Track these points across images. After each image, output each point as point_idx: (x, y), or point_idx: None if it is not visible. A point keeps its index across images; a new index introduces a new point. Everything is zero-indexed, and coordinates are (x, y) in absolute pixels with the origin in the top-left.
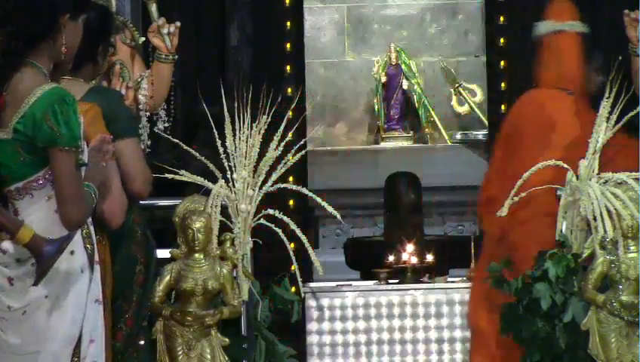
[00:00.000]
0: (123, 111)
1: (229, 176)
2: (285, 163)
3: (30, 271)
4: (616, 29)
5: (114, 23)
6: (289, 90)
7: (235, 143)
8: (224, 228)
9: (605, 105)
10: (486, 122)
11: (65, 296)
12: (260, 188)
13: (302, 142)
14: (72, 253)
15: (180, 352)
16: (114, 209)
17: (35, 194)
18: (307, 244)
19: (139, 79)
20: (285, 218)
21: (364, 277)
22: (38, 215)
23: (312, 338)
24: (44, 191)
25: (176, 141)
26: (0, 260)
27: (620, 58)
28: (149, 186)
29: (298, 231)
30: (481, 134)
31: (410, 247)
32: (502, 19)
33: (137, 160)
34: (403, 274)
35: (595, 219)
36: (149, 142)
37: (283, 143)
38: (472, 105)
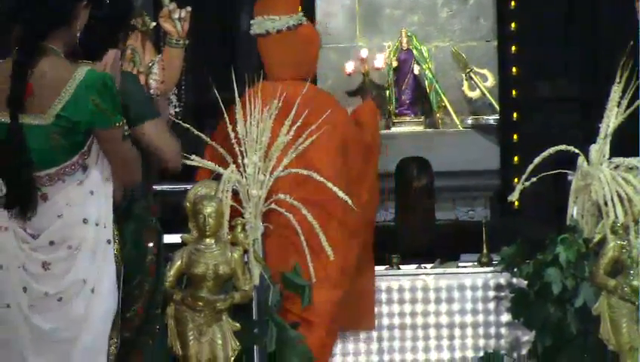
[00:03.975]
0: (140, 95)
1: (240, 161)
2: (296, 148)
3: (66, 256)
4: (619, 17)
5: (133, 7)
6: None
7: (246, 128)
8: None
9: (616, 91)
10: (497, 107)
11: (100, 281)
12: (271, 173)
13: (312, 127)
14: (108, 241)
15: (191, 337)
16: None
17: (67, 180)
18: (318, 229)
19: (150, 64)
20: (296, 203)
21: (375, 262)
22: (70, 196)
23: None
24: (76, 176)
25: (187, 126)
26: (31, 245)
27: (632, 43)
28: (181, 156)
29: (309, 216)
30: (492, 119)
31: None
32: (513, 4)
33: (164, 138)
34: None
35: (606, 203)
36: None
37: (294, 128)
38: (483, 90)
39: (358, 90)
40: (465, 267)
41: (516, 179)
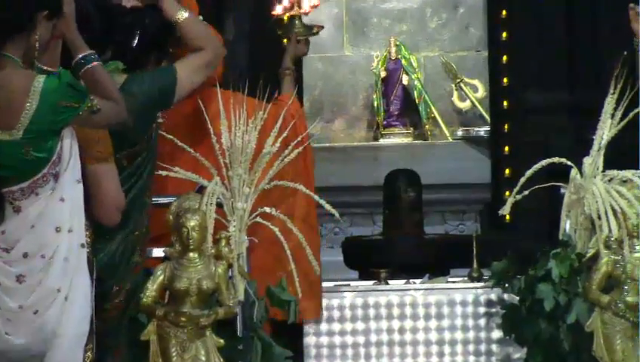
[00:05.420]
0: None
1: (224, 173)
2: (282, 160)
3: (41, 267)
4: (616, 25)
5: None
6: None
7: (230, 139)
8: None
9: (610, 102)
10: (488, 118)
11: (75, 288)
12: (256, 185)
13: (299, 139)
14: (82, 245)
15: (174, 354)
16: (108, 210)
17: (40, 191)
18: (304, 243)
19: None
20: (282, 216)
21: (362, 277)
22: (42, 206)
23: (310, 340)
24: (49, 186)
25: (170, 137)
26: (4, 259)
27: (626, 53)
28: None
29: (295, 230)
30: (482, 130)
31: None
32: (504, 12)
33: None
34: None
35: (599, 217)
36: None
37: (280, 140)
38: (474, 100)
39: (286, 32)
40: (455, 282)
41: (507, 193)
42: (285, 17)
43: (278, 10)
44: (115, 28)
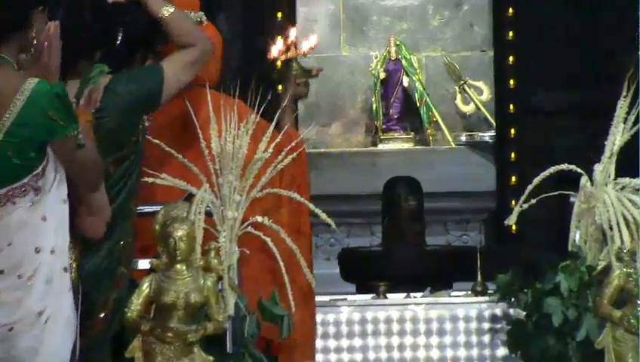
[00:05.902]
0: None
1: (214, 179)
2: (275, 166)
3: (17, 286)
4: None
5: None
6: (280, 87)
7: (220, 145)
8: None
9: (622, 106)
10: (493, 122)
11: (56, 313)
12: (248, 193)
13: (293, 144)
14: (65, 269)
15: None
16: (95, 222)
17: (18, 201)
18: (298, 254)
19: None
20: (275, 226)
21: (360, 291)
22: (21, 220)
23: None
24: (28, 197)
25: (157, 142)
26: None
27: None
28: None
29: (289, 241)
30: (487, 135)
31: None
32: (510, 11)
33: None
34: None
35: (610, 228)
36: None
37: (273, 145)
38: (478, 103)
39: (282, 75)
40: (458, 296)
41: (514, 201)
42: (280, 61)
43: (273, 52)
44: (111, 28)
